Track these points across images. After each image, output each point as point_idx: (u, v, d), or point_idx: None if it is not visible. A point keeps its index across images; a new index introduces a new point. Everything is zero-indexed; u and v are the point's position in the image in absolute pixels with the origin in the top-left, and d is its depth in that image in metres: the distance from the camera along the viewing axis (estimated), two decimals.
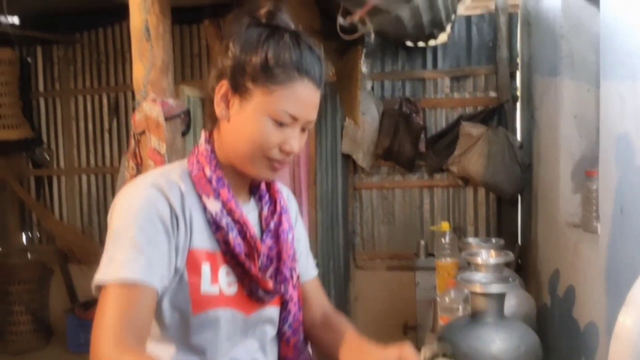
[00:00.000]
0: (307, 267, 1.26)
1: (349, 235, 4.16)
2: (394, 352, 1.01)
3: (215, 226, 1.03)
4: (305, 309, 1.21)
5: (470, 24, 3.92)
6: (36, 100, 4.61)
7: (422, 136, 3.89)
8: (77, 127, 4.55)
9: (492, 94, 3.88)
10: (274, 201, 1.16)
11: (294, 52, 1.00)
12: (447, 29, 3.78)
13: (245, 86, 1.01)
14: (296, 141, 1.04)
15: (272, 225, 1.12)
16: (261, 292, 1.07)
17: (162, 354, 1.02)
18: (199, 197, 1.04)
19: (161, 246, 0.97)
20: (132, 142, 1.93)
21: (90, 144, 4.52)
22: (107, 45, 4.43)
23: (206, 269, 1.02)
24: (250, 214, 1.10)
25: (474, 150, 3.65)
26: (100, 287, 0.95)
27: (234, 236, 1.04)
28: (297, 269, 1.16)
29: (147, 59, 1.81)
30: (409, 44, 3.91)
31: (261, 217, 1.14)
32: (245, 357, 1.09)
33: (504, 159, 3.53)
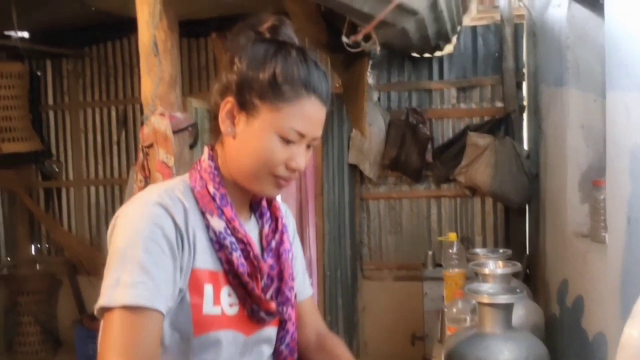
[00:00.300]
0: (303, 286, 1.23)
1: (356, 245, 4.16)
2: None
3: (218, 245, 1.01)
4: (299, 329, 1.18)
5: (476, 35, 3.93)
6: (45, 113, 4.65)
7: (429, 146, 3.89)
8: (85, 140, 4.58)
9: (499, 104, 3.88)
10: (275, 219, 1.14)
11: (302, 69, 0.99)
12: (453, 40, 3.80)
13: (252, 103, 0.99)
14: (302, 158, 1.02)
15: (273, 243, 1.10)
16: (263, 314, 1.04)
17: None
18: (202, 214, 1.01)
19: (167, 268, 0.94)
20: (140, 155, 1.95)
21: (98, 156, 4.56)
22: (115, 58, 4.48)
23: (209, 289, 0.99)
24: (251, 231, 1.08)
25: (481, 160, 3.65)
26: (103, 310, 0.91)
27: (237, 256, 1.01)
28: (294, 288, 1.14)
29: (155, 74, 1.83)
30: (415, 55, 3.93)
31: (262, 235, 1.11)
32: None
33: (511, 169, 3.52)
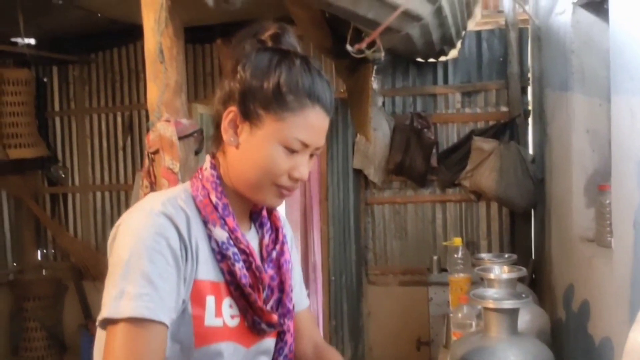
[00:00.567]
0: (300, 297, 1.22)
1: (361, 250, 4.15)
2: None
3: (220, 255, 1.00)
4: (296, 340, 1.17)
5: (480, 40, 3.93)
6: (52, 119, 4.68)
7: (434, 151, 3.89)
8: (91, 145, 4.60)
9: (504, 109, 3.88)
10: (275, 229, 1.13)
11: (306, 79, 0.99)
12: (458, 45, 3.80)
13: (255, 113, 0.98)
14: (306, 168, 1.02)
15: (274, 254, 1.09)
16: (264, 325, 1.03)
17: None
18: (204, 224, 1.00)
19: (171, 279, 0.92)
20: (146, 161, 1.96)
21: (104, 161, 4.58)
22: (121, 65, 4.50)
23: (210, 301, 0.98)
24: (251, 242, 1.06)
25: (486, 164, 3.65)
26: (107, 322, 0.90)
27: (240, 267, 1.00)
28: (293, 299, 1.13)
29: (161, 81, 1.84)
30: (419, 60, 3.93)
31: (262, 245, 1.10)
32: None
33: (517, 174, 3.51)
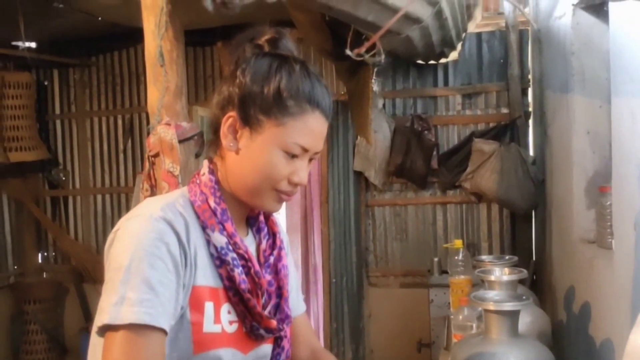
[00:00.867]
0: (296, 302, 1.22)
1: (362, 252, 4.15)
2: None
3: (219, 261, 0.99)
4: (293, 346, 1.17)
5: (480, 41, 3.93)
6: (52, 122, 4.68)
7: (434, 153, 3.89)
8: (92, 148, 4.60)
9: (504, 111, 3.88)
10: (272, 234, 1.13)
11: (306, 84, 0.99)
12: (458, 47, 3.80)
13: (256, 118, 0.98)
14: (305, 173, 1.02)
15: (271, 259, 1.09)
16: (262, 331, 1.03)
17: None
18: (203, 229, 0.99)
19: (171, 285, 0.92)
20: (146, 164, 1.96)
21: (105, 164, 4.58)
22: (121, 68, 4.50)
23: (209, 307, 0.98)
24: (249, 247, 1.05)
25: (486, 166, 3.65)
26: (106, 328, 0.88)
27: (239, 272, 1.00)
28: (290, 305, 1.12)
29: (161, 84, 1.84)
30: (419, 62, 3.93)
31: (259, 250, 1.10)
32: None
33: (517, 175, 3.51)
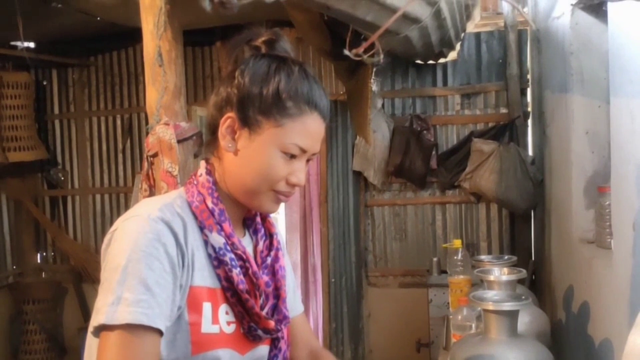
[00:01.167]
0: (294, 303, 1.22)
1: (361, 252, 4.15)
2: None
3: (217, 261, 0.99)
4: (292, 346, 1.17)
5: (479, 41, 3.94)
6: (51, 122, 4.68)
7: (433, 153, 3.89)
8: (91, 148, 4.60)
9: (503, 111, 3.88)
10: (269, 235, 1.13)
11: (305, 85, 1.00)
12: (457, 47, 3.80)
13: (254, 119, 0.99)
14: (303, 174, 1.02)
15: (268, 260, 1.09)
16: (260, 332, 1.03)
17: None
18: (200, 230, 1.00)
19: (168, 286, 0.92)
20: (145, 164, 1.96)
21: (104, 164, 4.58)
22: (120, 68, 4.50)
23: (207, 307, 0.98)
24: (246, 248, 1.05)
25: (485, 166, 3.65)
26: (102, 328, 0.89)
27: (237, 273, 1.00)
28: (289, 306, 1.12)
29: (160, 84, 1.84)
30: (418, 61, 3.94)
31: (256, 251, 1.10)
32: None
33: (516, 175, 3.52)
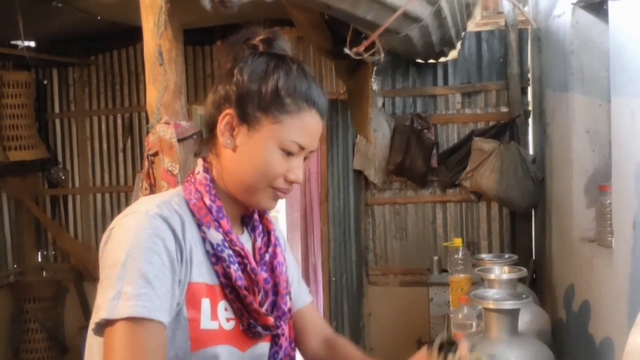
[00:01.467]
0: (300, 293, 1.22)
1: (362, 251, 4.15)
2: None
3: (215, 258, 1.00)
4: (304, 336, 1.17)
5: (480, 40, 3.94)
6: (52, 121, 4.68)
7: (434, 152, 3.89)
8: (92, 147, 4.60)
9: (504, 109, 3.88)
10: (267, 232, 1.13)
11: (303, 83, 1.01)
12: (457, 46, 3.80)
13: (253, 115, 1.00)
14: (300, 171, 1.03)
15: (267, 257, 1.09)
16: (260, 328, 1.03)
17: None
18: (198, 227, 1.00)
19: (167, 281, 0.92)
20: (145, 163, 1.96)
21: (104, 163, 4.58)
22: (121, 67, 4.50)
23: (206, 303, 0.98)
24: (245, 245, 1.05)
25: (486, 165, 3.65)
26: (105, 323, 0.89)
27: (235, 269, 1.00)
28: (288, 302, 1.11)
29: (161, 83, 1.84)
30: (419, 61, 3.93)
31: (254, 248, 1.10)
32: None
33: (517, 174, 3.52)
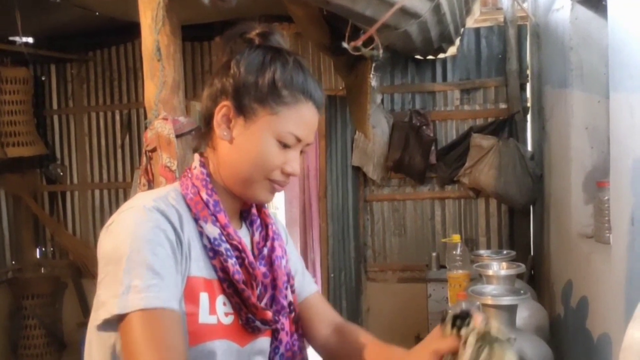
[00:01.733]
0: (304, 282, 1.22)
1: (360, 247, 4.16)
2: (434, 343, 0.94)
3: (212, 252, 0.99)
4: (313, 325, 1.17)
5: (479, 37, 3.93)
6: (50, 117, 4.67)
7: (433, 148, 3.90)
8: (90, 144, 4.60)
9: (503, 106, 3.88)
10: (265, 226, 1.13)
11: (300, 75, 1.01)
12: (456, 42, 3.79)
13: (250, 107, 1.00)
14: (297, 163, 1.03)
15: (265, 251, 1.08)
16: (258, 323, 1.02)
17: None
18: (195, 221, 1.00)
19: (173, 270, 0.92)
20: (143, 159, 1.96)
21: (103, 159, 4.57)
22: (119, 63, 4.49)
23: (204, 298, 0.97)
24: (243, 239, 1.04)
25: (484, 161, 3.65)
26: (111, 322, 0.88)
27: (233, 263, 0.99)
28: (288, 296, 1.10)
29: (159, 79, 1.84)
30: (418, 57, 3.93)
31: (253, 243, 1.09)
32: None
33: (515, 170, 3.52)
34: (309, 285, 1.23)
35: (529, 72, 3.79)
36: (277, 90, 0.99)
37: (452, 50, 3.86)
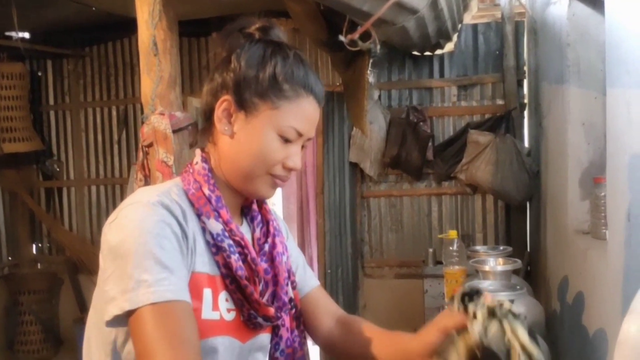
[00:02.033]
0: (305, 277, 1.22)
1: (357, 243, 4.16)
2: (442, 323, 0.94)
3: (215, 248, 0.99)
4: (316, 319, 1.18)
5: (476, 33, 3.93)
6: (46, 113, 4.66)
7: (430, 144, 3.90)
8: (86, 139, 4.59)
9: (500, 102, 3.89)
10: (266, 222, 1.13)
11: (300, 69, 1.01)
12: (454, 38, 3.79)
13: (251, 101, 0.99)
14: (298, 158, 1.03)
15: (266, 247, 1.08)
16: (260, 319, 1.02)
17: None
18: (198, 217, 0.99)
19: (181, 263, 0.92)
20: (140, 154, 1.95)
21: (99, 155, 4.57)
22: (116, 58, 4.48)
23: (208, 293, 0.97)
24: (245, 235, 1.04)
25: (481, 157, 3.66)
26: (121, 317, 0.87)
27: (235, 259, 0.99)
28: (289, 292, 1.10)
29: (155, 73, 1.84)
30: (415, 53, 3.93)
31: (254, 239, 1.09)
32: None
33: (512, 167, 3.52)
34: (310, 279, 1.23)
35: (526, 68, 3.79)
36: (278, 84, 0.99)
37: (449, 46, 3.86)
